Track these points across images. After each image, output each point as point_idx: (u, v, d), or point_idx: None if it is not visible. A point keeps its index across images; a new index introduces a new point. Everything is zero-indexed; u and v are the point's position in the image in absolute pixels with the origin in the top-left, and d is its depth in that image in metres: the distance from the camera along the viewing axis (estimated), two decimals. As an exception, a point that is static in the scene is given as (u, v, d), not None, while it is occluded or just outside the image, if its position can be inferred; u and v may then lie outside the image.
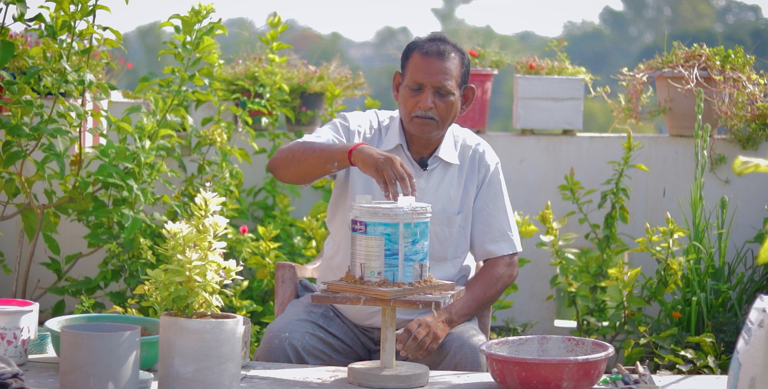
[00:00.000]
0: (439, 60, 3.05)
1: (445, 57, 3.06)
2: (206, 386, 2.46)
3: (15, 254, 4.29)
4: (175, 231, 2.49)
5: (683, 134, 4.84)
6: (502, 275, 3.19)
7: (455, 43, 3.11)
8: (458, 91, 3.09)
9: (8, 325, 2.72)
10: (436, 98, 3.05)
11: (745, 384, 2.27)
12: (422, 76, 3.04)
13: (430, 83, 3.04)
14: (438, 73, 3.04)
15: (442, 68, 3.05)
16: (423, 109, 3.05)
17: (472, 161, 3.21)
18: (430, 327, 2.96)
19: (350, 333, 3.18)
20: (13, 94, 3.76)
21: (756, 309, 2.31)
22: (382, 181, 2.80)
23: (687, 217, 4.44)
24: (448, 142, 3.19)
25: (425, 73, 3.04)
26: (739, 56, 4.71)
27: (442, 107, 3.06)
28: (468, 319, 3.14)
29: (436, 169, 3.17)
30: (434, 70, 3.04)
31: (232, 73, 5.02)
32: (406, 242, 2.70)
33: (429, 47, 3.07)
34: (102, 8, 3.78)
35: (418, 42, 3.11)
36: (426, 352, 2.95)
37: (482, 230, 3.21)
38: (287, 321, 3.09)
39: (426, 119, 3.06)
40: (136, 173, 3.95)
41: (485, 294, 3.16)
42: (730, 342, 3.95)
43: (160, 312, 2.53)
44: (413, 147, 3.16)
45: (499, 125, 10.42)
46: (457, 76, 3.07)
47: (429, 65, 3.05)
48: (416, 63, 3.07)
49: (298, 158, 2.99)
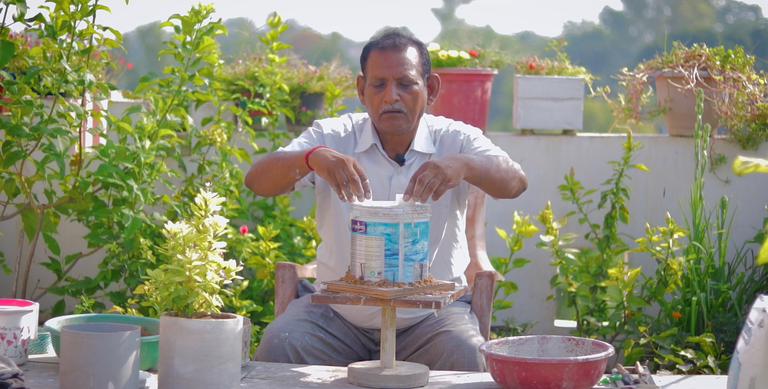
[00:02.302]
0: (396, 52, 3.07)
1: (401, 48, 3.07)
2: (206, 386, 2.46)
3: (15, 254, 4.29)
4: (175, 231, 2.50)
5: (683, 134, 4.84)
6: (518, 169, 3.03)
7: (410, 35, 3.13)
8: (422, 80, 3.09)
9: (8, 325, 2.73)
10: (400, 90, 3.06)
11: (745, 384, 2.27)
12: (382, 70, 3.06)
13: (392, 76, 3.05)
14: (397, 64, 3.05)
15: (400, 59, 3.06)
16: (389, 102, 3.05)
17: (452, 137, 3.18)
18: (439, 167, 2.76)
19: (350, 334, 3.18)
20: (13, 94, 3.76)
21: (756, 309, 2.31)
22: (335, 183, 2.78)
23: (687, 217, 4.44)
24: (422, 133, 3.17)
25: (385, 67, 3.05)
26: (739, 56, 4.71)
27: (407, 97, 3.06)
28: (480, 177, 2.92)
29: (414, 163, 3.15)
30: (393, 62, 3.05)
31: (232, 73, 5.02)
32: (406, 242, 2.70)
33: (384, 42, 3.09)
34: (102, 8, 3.79)
35: (373, 41, 3.13)
36: (435, 195, 2.75)
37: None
38: (287, 321, 3.09)
39: (393, 112, 3.06)
40: (136, 173, 3.95)
41: (501, 165, 2.98)
42: (730, 342, 3.95)
43: (160, 312, 2.53)
44: (388, 145, 3.15)
45: (499, 125, 10.43)
46: (417, 65, 3.08)
47: (387, 59, 3.06)
48: (375, 60, 3.08)
49: (266, 169, 3.01)
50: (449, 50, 5.02)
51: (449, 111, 4.97)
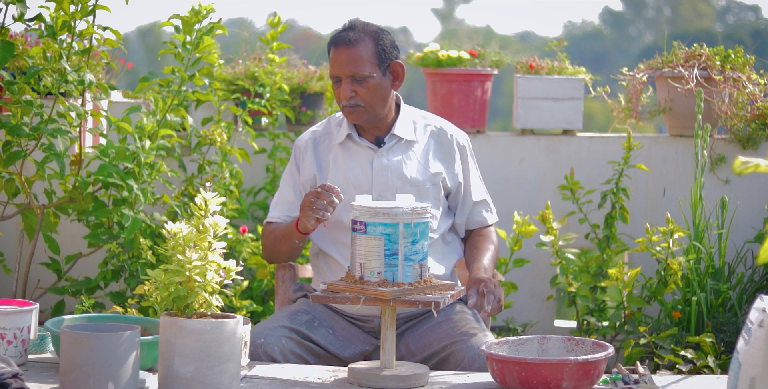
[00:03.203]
0: (346, 49, 3.11)
1: (352, 44, 3.11)
2: (206, 386, 2.46)
3: (15, 254, 4.29)
4: (175, 231, 2.50)
5: (683, 134, 4.84)
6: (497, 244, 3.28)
7: (365, 26, 3.15)
8: (378, 71, 3.12)
9: (8, 325, 2.73)
10: (355, 85, 3.11)
11: (745, 384, 2.27)
12: (335, 69, 3.13)
13: (344, 74, 3.11)
14: (347, 63, 3.10)
15: (350, 57, 3.10)
16: (344, 99, 3.12)
17: (442, 137, 3.26)
18: (490, 280, 2.90)
19: (331, 344, 3.15)
20: (13, 94, 3.76)
21: (756, 309, 2.31)
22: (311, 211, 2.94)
23: (687, 217, 4.44)
24: (404, 121, 3.24)
25: (337, 66, 3.12)
26: (739, 56, 4.71)
27: (363, 91, 3.11)
28: None
29: (395, 146, 3.22)
30: (343, 60, 3.11)
31: (232, 73, 5.02)
32: (406, 242, 2.70)
33: (337, 39, 3.14)
34: (102, 8, 3.78)
35: (332, 36, 3.18)
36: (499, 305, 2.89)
37: (468, 199, 3.27)
38: (264, 327, 3.08)
39: (352, 107, 3.13)
40: (136, 173, 3.95)
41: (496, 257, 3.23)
42: (730, 342, 3.95)
43: (160, 312, 2.53)
44: (366, 133, 3.23)
45: (499, 125, 10.42)
46: (371, 58, 3.11)
47: (338, 57, 3.12)
48: (331, 57, 3.15)
49: (275, 250, 3.22)
50: (449, 50, 5.02)
51: (449, 111, 4.97)
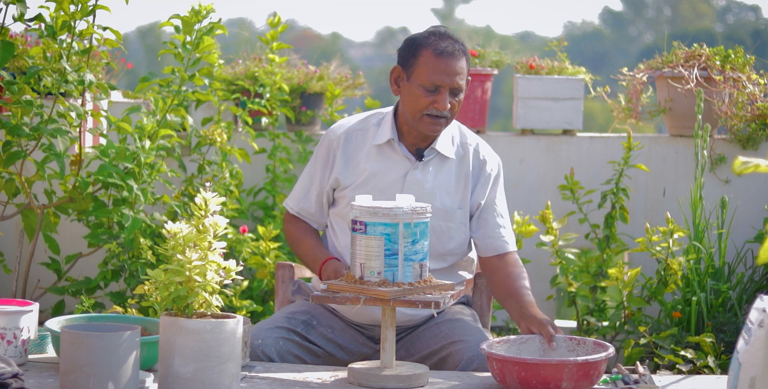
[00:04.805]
0: (454, 60, 3.04)
1: (457, 57, 3.04)
2: (206, 386, 2.46)
3: (15, 254, 4.29)
4: (175, 231, 2.50)
5: (683, 134, 4.84)
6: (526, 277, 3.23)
7: (459, 38, 3.10)
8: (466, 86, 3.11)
9: (8, 325, 2.73)
10: (450, 97, 3.05)
11: (745, 384, 2.27)
12: (440, 77, 3.02)
13: (448, 84, 3.03)
14: (454, 74, 3.03)
15: (458, 69, 3.04)
16: (440, 110, 3.04)
17: (475, 158, 3.20)
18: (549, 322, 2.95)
19: (329, 345, 3.15)
20: (13, 94, 3.76)
21: (756, 309, 2.31)
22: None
23: (687, 217, 4.44)
24: (446, 137, 3.17)
25: (444, 75, 3.02)
26: (739, 56, 4.71)
27: (456, 104, 3.07)
28: None
29: (433, 160, 3.16)
30: (451, 71, 3.03)
31: (232, 73, 5.02)
32: (406, 242, 2.70)
33: (442, 47, 3.04)
34: (102, 8, 3.78)
35: (427, 40, 3.06)
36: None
37: (493, 224, 3.19)
38: (261, 328, 3.08)
39: (440, 118, 3.06)
40: (136, 173, 3.95)
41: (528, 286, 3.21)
42: (730, 342, 3.95)
43: (160, 312, 2.53)
44: (407, 140, 3.16)
45: (499, 125, 10.42)
46: (466, 73, 3.08)
47: (446, 66, 3.03)
48: (431, 63, 3.03)
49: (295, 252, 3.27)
50: (449, 50, 5.01)
51: (449, 111, 4.97)
